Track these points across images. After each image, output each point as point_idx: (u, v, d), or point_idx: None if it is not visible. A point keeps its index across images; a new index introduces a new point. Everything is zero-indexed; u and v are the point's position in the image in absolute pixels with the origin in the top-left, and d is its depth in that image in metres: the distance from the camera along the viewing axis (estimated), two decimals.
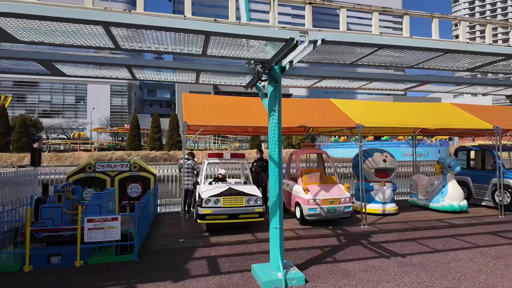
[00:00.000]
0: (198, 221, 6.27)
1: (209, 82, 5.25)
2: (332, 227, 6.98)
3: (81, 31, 3.20)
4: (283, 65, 4.33)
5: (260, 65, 4.28)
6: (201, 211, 6.13)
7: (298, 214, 7.25)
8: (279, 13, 4.36)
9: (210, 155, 7.64)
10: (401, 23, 4.96)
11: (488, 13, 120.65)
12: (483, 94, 7.53)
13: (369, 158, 8.28)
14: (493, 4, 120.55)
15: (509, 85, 6.79)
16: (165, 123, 39.20)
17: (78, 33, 3.25)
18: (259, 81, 4.90)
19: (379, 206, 8.11)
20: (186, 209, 7.91)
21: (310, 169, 8.61)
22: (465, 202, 8.39)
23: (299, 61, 4.39)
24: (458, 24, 5.35)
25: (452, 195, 8.35)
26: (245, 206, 6.35)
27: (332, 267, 4.59)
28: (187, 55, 3.86)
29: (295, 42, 3.31)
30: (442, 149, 33.73)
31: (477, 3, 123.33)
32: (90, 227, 4.74)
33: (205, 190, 6.51)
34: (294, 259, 4.94)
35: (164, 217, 8.16)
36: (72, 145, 39.68)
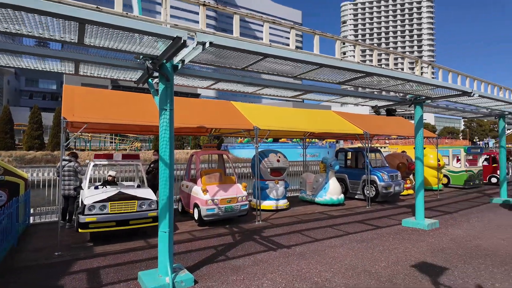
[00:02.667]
0: (80, 230, 5.58)
1: (92, 75, 4.74)
2: (229, 225, 7.18)
3: None
4: (175, 63, 4.24)
5: (150, 61, 4.09)
6: (83, 219, 5.47)
7: (196, 216, 7.20)
8: (190, 11, 4.27)
9: (97, 156, 6.91)
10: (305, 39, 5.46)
11: (367, 36, 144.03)
12: (355, 104, 8.91)
13: (265, 159, 8.85)
14: (371, 29, 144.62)
15: (372, 98, 8.20)
16: (49, 118, 33.60)
17: None
18: (152, 78, 4.69)
19: (273, 203, 8.74)
20: (68, 217, 6.96)
21: (210, 169, 8.67)
22: (342, 196, 9.77)
23: (193, 61, 4.38)
24: (335, 42, 6.18)
25: (332, 190, 9.61)
26: (137, 211, 5.96)
27: (224, 265, 4.71)
28: (58, 41, 3.39)
29: (182, 41, 3.28)
30: (331, 150, 38.62)
31: (360, 26, 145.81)
32: None
33: (90, 195, 5.85)
34: (186, 261, 4.87)
35: (38, 228, 6.98)
36: None
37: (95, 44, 3.58)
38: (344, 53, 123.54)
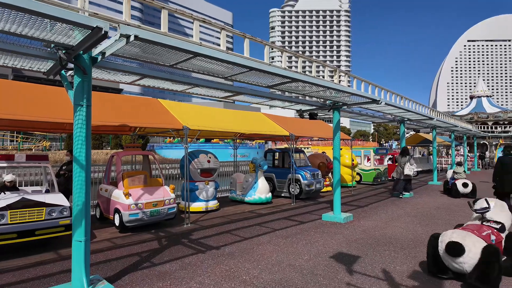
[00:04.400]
0: None
1: None
2: (155, 230, 6.83)
3: None
4: (94, 55, 3.86)
5: (64, 51, 3.64)
6: None
7: (117, 222, 6.66)
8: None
9: None
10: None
11: (293, 43, 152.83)
12: (282, 107, 9.37)
13: (195, 159, 8.67)
14: (297, 37, 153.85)
15: (298, 102, 8.73)
16: None
17: None
18: (66, 70, 4.18)
19: (203, 204, 8.62)
20: None
21: (133, 171, 8.11)
22: (270, 195, 10.16)
23: (115, 54, 4.06)
24: (264, 47, 6.39)
25: (261, 189, 9.93)
26: (45, 220, 5.23)
27: (149, 272, 4.46)
28: None
29: (103, 32, 3.00)
30: (260, 151, 39.87)
31: (287, 33, 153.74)
32: None
33: None
34: (106, 271, 4.47)
35: None
36: None
37: None
38: (273, 58, 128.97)
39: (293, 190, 10.75)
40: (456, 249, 3.98)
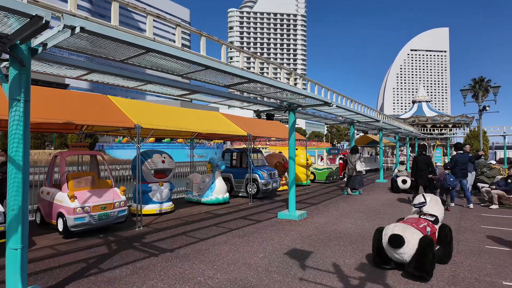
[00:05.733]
0: None
1: None
2: (103, 234, 6.44)
3: None
4: (33, 46, 3.53)
5: None
6: None
7: (61, 227, 6.17)
8: None
9: None
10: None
11: (252, 44, 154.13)
12: (240, 107, 9.42)
13: (149, 160, 8.35)
14: (255, 38, 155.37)
15: (256, 103, 8.84)
16: None
17: None
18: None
19: (157, 206, 8.33)
20: None
21: (79, 173, 7.58)
22: (227, 195, 10.14)
23: (59, 46, 3.76)
24: (221, 46, 6.37)
25: (218, 190, 9.87)
26: None
27: (96, 279, 4.20)
28: None
29: (44, 22, 2.77)
30: (218, 151, 39.57)
31: (245, 34, 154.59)
32: None
33: None
34: (47, 281, 4.12)
35: None
36: None
37: None
38: (231, 58, 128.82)
39: (250, 189, 10.84)
40: (397, 241, 4.33)
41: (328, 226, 7.22)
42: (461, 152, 10.06)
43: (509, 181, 9.46)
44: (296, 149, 13.34)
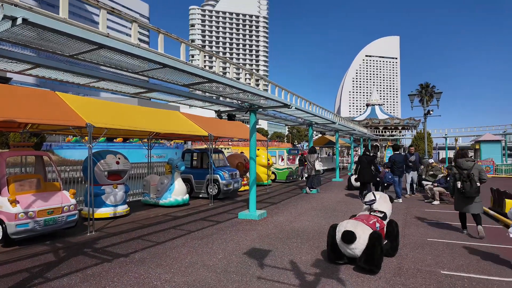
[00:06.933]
0: None
1: None
2: (50, 241, 5.99)
3: None
4: None
5: None
6: None
7: (0, 234, 5.61)
8: None
9: None
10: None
11: (214, 43, 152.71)
12: (201, 107, 9.30)
13: (102, 161, 7.91)
14: (217, 37, 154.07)
15: (217, 103, 8.79)
16: None
17: None
18: None
19: (110, 210, 7.92)
20: None
21: (22, 175, 6.96)
22: (187, 196, 9.95)
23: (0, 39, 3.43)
24: (180, 44, 6.24)
25: (177, 191, 9.64)
26: None
27: None
28: None
29: None
30: (179, 151, 38.58)
31: (207, 32, 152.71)
32: None
33: None
34: None
35: None
36: None
37: None
38: (193, 56, 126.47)
39: (211, 190, 10.74)
40: (349, 237, 4.57)
41: (287, 225, 7.40)
42: (398, 152, 11.38)
43: (449, 179, 10.46)
44: (258, 149, 13.47)
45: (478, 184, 6.21)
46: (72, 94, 8.40)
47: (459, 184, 6.29)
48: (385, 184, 10.74)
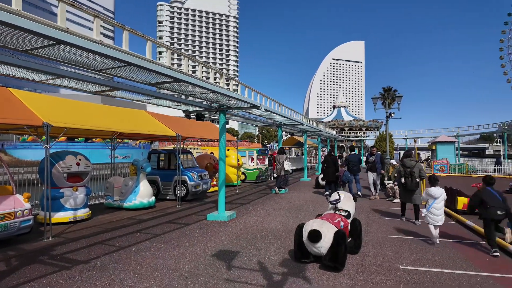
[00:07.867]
0: None
1: None
2: (1, 249, 5.53)
3: None
4: None
5: None
6: None
7: None
8: None
9: None
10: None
11: (183, 40, 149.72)
12: (169, 107, 9.08)
13: (60, 162, 7.45)
14: (187, 35, 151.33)
15: (185, 103, 8.62)
16: None
17: None
18: None
19: (70, 214, 7.49)
20: None
21: None
22: (153, 198, 9.65)
23: None
24: (146, 42, 6.05)
25: (143, 193, 9.33)
26: None
27: None
28: None
29: None
30: (145, 151, 37.34)
31: (176, 30, 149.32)
32: None
33: None
34: None
35: None
36: None
37: None
38: (160, 53, 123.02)
39: (179, 192, 10.52)
40: (315, 235, 4.70)
41: (256, 225, 7.44)
42: (353, 153, 12.44)
43: (396, 175, 11.24)
44: (228, 150, 13.41)
45: (418, 180, 7.45)
46: (27, 90, 7.83)
47: (403, 180, 7.55)
48: (343, 182, 11.46)
